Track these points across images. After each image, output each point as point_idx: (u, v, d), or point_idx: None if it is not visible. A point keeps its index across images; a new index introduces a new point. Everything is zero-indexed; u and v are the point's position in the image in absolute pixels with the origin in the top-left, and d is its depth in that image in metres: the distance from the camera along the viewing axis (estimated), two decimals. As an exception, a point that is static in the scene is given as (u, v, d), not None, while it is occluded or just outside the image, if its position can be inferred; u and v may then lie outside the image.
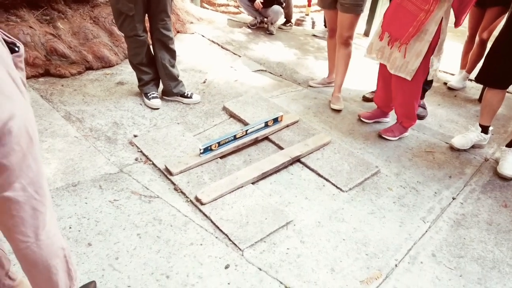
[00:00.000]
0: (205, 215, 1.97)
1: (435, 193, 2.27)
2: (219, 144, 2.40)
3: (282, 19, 5.01)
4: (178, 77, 2.92)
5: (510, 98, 3.44)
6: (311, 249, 1.83)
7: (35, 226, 1.07)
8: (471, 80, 3.65)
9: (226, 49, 4.09)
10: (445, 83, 3.74)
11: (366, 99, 3.33)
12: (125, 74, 3.26)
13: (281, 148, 2.54)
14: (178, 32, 4.18)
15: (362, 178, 2.32)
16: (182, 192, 2.11)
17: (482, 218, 2.11)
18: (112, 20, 3.40)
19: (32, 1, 3.18)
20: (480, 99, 3.33)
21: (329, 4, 2.99)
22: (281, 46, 4.44)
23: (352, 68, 3.24)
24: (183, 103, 2.98)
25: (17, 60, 0.97)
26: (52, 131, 2.43)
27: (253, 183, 2.23)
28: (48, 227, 1.11)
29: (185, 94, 2.97)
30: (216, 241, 1.83)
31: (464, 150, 2.67)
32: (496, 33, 2.57)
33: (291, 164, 2.42)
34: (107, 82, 3.11)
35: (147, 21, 2.68)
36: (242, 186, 2.16)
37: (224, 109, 2.97)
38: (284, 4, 4.68)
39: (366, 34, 5.05)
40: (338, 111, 3.07)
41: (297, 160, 2.45)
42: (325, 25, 4.20)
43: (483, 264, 1.83)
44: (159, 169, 2.27)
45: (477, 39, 3.48)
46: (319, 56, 4.26)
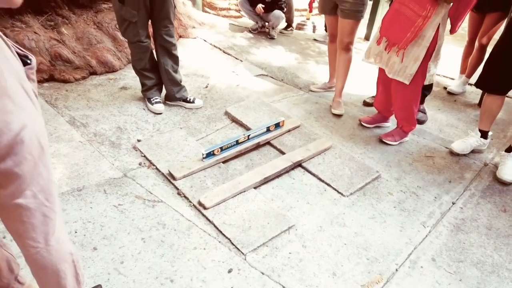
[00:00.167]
0: (208, 220, 2.00)
1: (435, 198, 2.30)
2: (222, 149, 2.43)
3: (283, 24, 5.06)
4: (181, 82, 2.95)
5: (510, 103, 3.47)
6: (313, 254, 1.86)
7: (45, 232, 1.10)
8: (471, 85, 3.67)
9: (228, 54, 4.13)
10: (445, 88, 3.77)
11: (367, 104, 3.36)
12: (129, 79, 3.29)
13: (283, 153, 2.57)
14: (181, 37, 4.22)
15: (363, 183, 2.35)
16: (185, 197, 2.14)
17: (482, 223, 2.13)
18: (116, 25, 3.44)
19: (37, 7, 3.22)
20: (480, 104, 3.36)
21: (330, 10, 3.03)
22: (282, 51, 4.47)
23: (353, 73, 3.28)
24: (186, 108, 3.01)
25: (29, 72, 1.00)
26: (57, 136, 2.46)
27: (255, 188, 2.26)
28: (58, 233, 1.14)
29: (188, 99, 3.00)
30: (219, 245, 1.85)
31: (464, 155, 2.70)
32: (496, 38, 2.61)
33: (293, 169, 2.45)
34: (111, 87, 3.15)
35: (151, 27, 2.71)
36: (245, 191, 2.19)
37: (226, 114, 3.00)
38: (286, 9, 4.71)
39: (367, 39, 5.09)
40: (339, 116, 3.11)
41: (299, 165, 2.48)
42: (326, 30, 4.23)
43: (483, 269, 1.86)
44: (163, 174, 2.30)
45: (477, 44, 3.51)
46: (320, 61, 4.30)
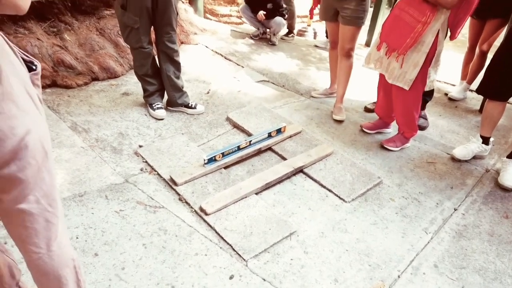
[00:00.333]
0: (210, 226, 1.99)
1: (437, 204, 2.30)
2: (223, 155, 2.43)
3: (285, 30, 5.08)
4: (183, 88, 2.96)
5: (511, 109, 3.47)
6: (315, 260, 1.86)
7: (48, 238, 1.10)
8: (472, 91, 3.68)
9: (229, 60, 4.15)
10: (446, 94, 3.78)
11: (368, 110, 3.36)
12: (130, 85, 3.31)
13: (284, 159, 2.58)
14: (182, 43, 4.24)
15: (365, 189, 2.35)
16: (187, 202, 2.14)
17: (484, 229, 2.13)
18: (118, 32, 3.46)
19: (40, 13, 3.24)
20: (481, 110, 3.36)
21: (331, 17, 3.05)
22: (284, 57, 4.49)
23: (354, 79, 3.29)
24: (187, 114, 3.02)
25: (34, 78, 1.01)
26: (59, 142, 2.47)
27: (257, 194, 2.26)
28: (60, 238, 1.15)
29: (189, 105, 3.01)
30: (221, 252, 1.85)
31: (465, 161, 2.70)
32: (497, 45, 2.62)
33: (294, 175, 2.45)
34: (113, 93, 3.16)
35: (153, 33, 2.73)
36: (246, 197, 2.19)
37: (228, 120, 3.01)
38: (287, 16, 4.74)
39: (368, 44, 5.11)
40: (340, 122, 3.11)
41: (300, 171, 2.48)
42: (327, 36, 4.25)
43: (485, 275, 1.85)
44: (164, 179, 2.30)
45: (477, 51, 3.52)
46: (321, 67, 4.31)
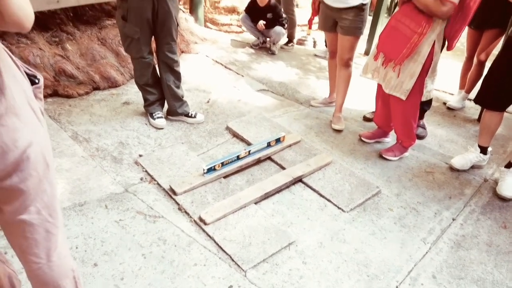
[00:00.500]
0: (209, 235, 2.00)
1: (435, 214, 2.31)
2: (223, 164, 2.45)
3: (285, 39, 5.13)
4: (183, 98, 2.99)
5: (509, 119, 3.49)
6: (313, 270, 1.86)
7: (48, 248, 1.12)
8: (470, 100, 3.70)
9: (230, 69, 4.18)
10: (444, 103, 3.80)
11: (367, 119, 3.38)
12: (131, 94, 3.33)
13: (283, 168, 2.59)
14: (183, 52, 4.28)
15: (363, 199, 2.36)
16: (186, 212, 2.15)
17: (482, 240, 2.13)
18: (119, 41, 3.49)
19: (42, 24, 3.28)
20: (479, 119, 3.38)
21: (330, 27, 3.08)
22: (283, 66, 4.53)
23: (353, 88, 3.31)
24: (188, 123, 3.04)
25: (37, 91, 1.03)
26: (60, 151, 2.49)
27: (256, 203, 2.27)
28: (60, 249, 1.16)
29: (189, 114, 3.03)
30: (220, 262, 1.86)
31: (464, 171, 2.71)
32: (495, 54, 2.64)
33: (293, 184, 2.46)
34: (114, 102, 3.19)
35: (154, 43, 2.76)
36: (245, 206, 2.20)
37: (228, 129, 3.03)
38: (287, 25, 4.78)
39: (367, 53, 5.15)
40: (339, 131, 3.13)
41: (299, 180, 2.49)
42: (326, 45, 4.29)
43: (483, 286, 1.85)
44: (164, 189, 2.31)
45: (475, 60, 3.55)
46: (321, 76, 4.34)
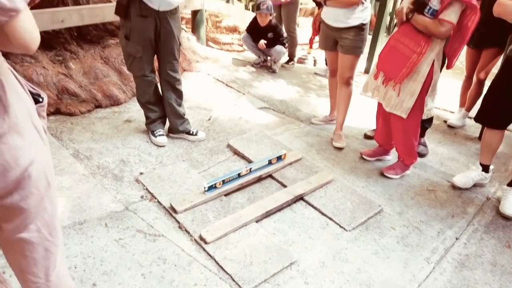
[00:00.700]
0: (209, 255, 1.98)
1: (438, 233, 2.28)
2: (224, 182, 2.44)
3: (285, 58, 5.18)
4: (184, 115, 3.00)
5: (510, 137, 3.49)
6: (315, 291, 1.83)
7: (46, 267, 1.11)
8: (471, 118, 3.71)
9: (231, 87, 4.22)
10: (445, 121, 3.81)
11: (368, 137, 3.39)
12: (133, 112, 3.35)
13: (285, 186, 2.58)
14: (185, 71, 4.32)
15: (365, 217, 2.34)
16: (187, 231, 2.13)
17: (486, 259, 2.10)
18: (122, 60, 3.53)
19: (46, 43, 3.33)
20: (480, 137, 3.38)
21: (331, 46, 3.12)
22: (284, 84, 4.56)
23: (353, 106, 3.33)
24: (189, 141, 3.04)
25: (40, 110, 1.04)
26: (61, 169, 2.49)
27: (257, 222, 2.25)
28: (58, 268, 1.15)
29: (191, 132, 3.05)
30: (220, 282, 1.83)
31: (466, 189, 2.69)
32: (494, 72, 2.66)
33: (295, 202, 2.45)
34: (115, 120, 3.20)
35: (157, 62, 2.79)
36: (246, 225, 2.18)
37: (229, 147, 3.03)
38: (287, 44, 4.84)
39: (367, 72, 5.19)
40: (340, 149, 3.13)
41: (300, 198, 2.48)
42: (326, 64, 4.33)
43: (489, 307, 1.82)
44: (164, 207, 2.30)
45: (475, 79, 3.58)
46: (321, 94, 4.37)
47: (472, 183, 2.69)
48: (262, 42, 4.65)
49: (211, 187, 2.37)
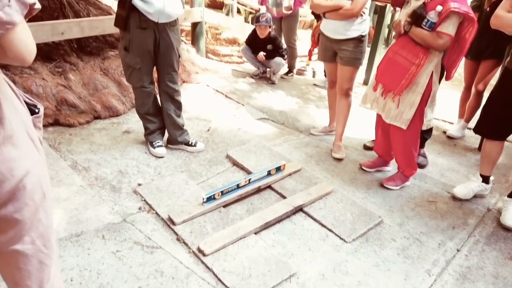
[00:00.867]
0: (207, 267, 1.95)
1: (439, 245, 2.26)
2: (222, 193, 2.42)
3: (285, 69, 5.21)
4: (183, 126, 3.00)
5: (510, 148, 3.49)
6: (315, 304, 1.80)
7: (40, 280, 1.09)
8: (470, 129, 3.71)
9: (230, 98, 4.23)
10: (444, 132, 3.81)
11: (367, 148, 3.38)
12: (132, 123, 3.35)
13: (284, 197, 2.56)
14: (184, 82, 4.34)
15: (366, 229, 2.32)
16: (185, 243, 2.11)
17: (488, 271, 2.08)
18: (121, 71, 3.55)
19: (46, 54, 3.35)
20: (480, 148, 3.38)
21: (330, 58, 3.14)
22: (283, 95, 4.57)
23: (353, 117, 3.33)
24: (188, 151, 3.03)
25: (36, 121, 1.03)
26: (58, 180, 2.47)
27: (256, 233, 2.22)
28: (52, 281, 1.13)
29: (190, 143, 3.04)
30: (218, 295, 1.80)
31: (466, 200, 2.67)
32: (492, 84, 2.67)
33: (294, 214, 2.42)
34: (114, 131, 3.20)
35: (156, 73, 2.80)
36: (245, 237, 2.16)
37: (228, 157, 3.02)
38: (286, 56, 4.88)
39: (366, 83, 5.21)
40: (340, 160, 3.12)
41: (300, 210, 2.46)
42: (325, 75, 4.36)
43: (492, 321, 1.79)
44: (162, 219, 2.27)
45: (473, 90, 3.59)
46: (320, 105, 4.38)
47: (473, 194, 2.67)
48: (261, 54, 4.68)
49: (210, 198, 2.35)
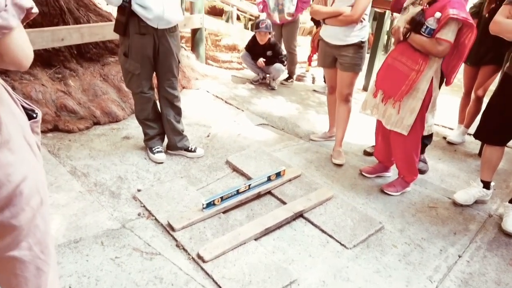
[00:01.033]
0: (207, 274, 1.93)
1: (441, 251, 2.24)
2: (222, 199, 2.41)
3: (285, 75, 5.22)
4: (183, 132, 2.99)
5: (510, 153, 3.48)
6: (316, 311, 1.78)
7: (37, 286, 1.07)
8: (470, 135, 3.71)
9: (230, 104, 4.23)
10: (444, 138, 3.81)
11: (367, 153, 3.37)
12: (131, 129, 3.35)
13: (284, 203, 2.55)
14: (184, 88, 4.34)
15: (366, 235, 2.30)
16: (184, 249, 2.09)
17: (490, 278, 2.06)
18: (121, 77, 3.55)
19: (46, 61, 3.35)
20: (480, 154, 3.37)
21: (329, 64, 3.14)
22: (283, 101, 4.58)
23: (352, 123, 3.33)
24: (187, 157, 3.03)
25: (34, 126, 1.02)
26: (57, 186, 2.46)
27: (256, 239, 2.21)
28: (50, 287, 1.11)
29: (189, 148, 3.03)
30: (218, 302, 1.78)
31: (467, 206, 2.66)
32: (492, 89, 2.67)
33: (294, 220, 2.41)
34: (114, 137, 3.19)
35: (156, 79, 2.80)
36: (245, 243, 2.14)
37: (227, 163, 3.01)
38: (286, 62, 4.89)
39: (365, 89, 5.22)
40: (340, 166, 3.11)
41: (300, 215, 2.44)
42: (325, 81, 4.37)
43: (495, 328, 1.77)
44: (162, 225, 2.26)
45: (473, 96, 3.59)
46: (320, 111, 4.38)
47: (474, 200, 2.66)
48: (261, 60, 4.69)
49: (210, 204, 2.34)
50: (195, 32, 5.17)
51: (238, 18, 9.33)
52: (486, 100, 2.69)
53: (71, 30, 3.33)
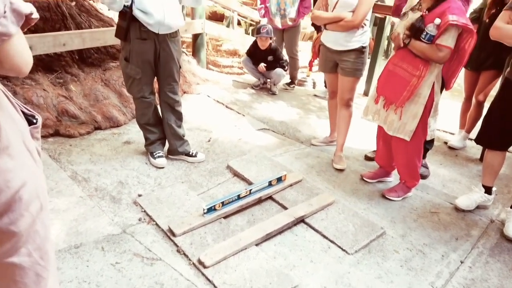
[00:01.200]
0: (208, 279, 1.92)
1: (443, 256, 2.23)
2: (223, 204, 2.40)
3: (287, 79, 5.23)
4: (184, 137, 2.99)
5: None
6: (317, 317, 1.77)
7: None
8: (471, 140, 3.70)
9: (231, 109, 4.23)
10: (446, 143, 3.80)
11: (368, 158, 3.37)
12: (132, 134, 3.35)
13: (285, 208, 2.54)
14: (185, 93, 4.35)
15: (368, 240, 2.29)
16: (185, 254, 2.08)
17: (492, 283, 2.04)
18: (122, 82, 3.56)
19: (47, 66, 3.36)
20: (481, 159, 3.36)
21: (330, 69, 3.14)
22: (284, 106, 4.58)
23: (354, 128, 3.33)
24: (188, 162, 3.02)
25: (34, 131, 1.02)
26: (58, 191, 2.45)
27: (257, 245, 2.20)
28: (49, 293, 1.10)
29: (190, 153, 3.03)
30: (219, 308, 1.77)
31: (469, 211, 2.65)
32: (493, 94, 2.67)
33: (295, 225, 2.40)
34: (114, 142, 3.19)
35: (157, 83, 2.81)
36: (246, 248, 2.13)
37: (228, 168, 3.01)
38: (287, 67, 4.90)
39: (366, 94, 5.23)
40: (341, 170, 3.10)
41: (301, 221, 2.43)
42: (326, 86, 4.37)
43: (498, 335, 1.75)
44: (162, 230, 2.25)
45: (474, 101, 3.59)
46: (321, 115, 4.38)
47: (475, 205, 2.65)
48: (262, 65, 4.70)
49: (210, 209, 2.33)
50: (196, 37, 5.19)
51: (239, 24, 9.37)
52: (487, 105, 2.68)
53: (73, 35, 3.34)
